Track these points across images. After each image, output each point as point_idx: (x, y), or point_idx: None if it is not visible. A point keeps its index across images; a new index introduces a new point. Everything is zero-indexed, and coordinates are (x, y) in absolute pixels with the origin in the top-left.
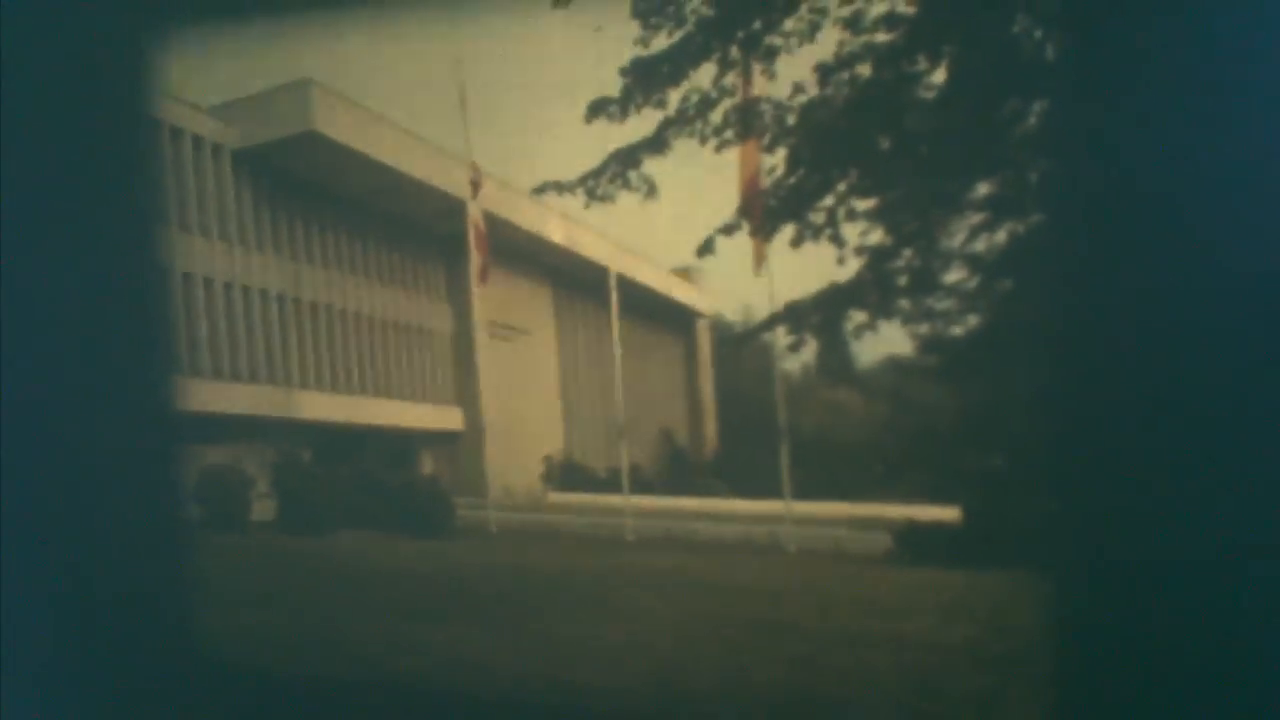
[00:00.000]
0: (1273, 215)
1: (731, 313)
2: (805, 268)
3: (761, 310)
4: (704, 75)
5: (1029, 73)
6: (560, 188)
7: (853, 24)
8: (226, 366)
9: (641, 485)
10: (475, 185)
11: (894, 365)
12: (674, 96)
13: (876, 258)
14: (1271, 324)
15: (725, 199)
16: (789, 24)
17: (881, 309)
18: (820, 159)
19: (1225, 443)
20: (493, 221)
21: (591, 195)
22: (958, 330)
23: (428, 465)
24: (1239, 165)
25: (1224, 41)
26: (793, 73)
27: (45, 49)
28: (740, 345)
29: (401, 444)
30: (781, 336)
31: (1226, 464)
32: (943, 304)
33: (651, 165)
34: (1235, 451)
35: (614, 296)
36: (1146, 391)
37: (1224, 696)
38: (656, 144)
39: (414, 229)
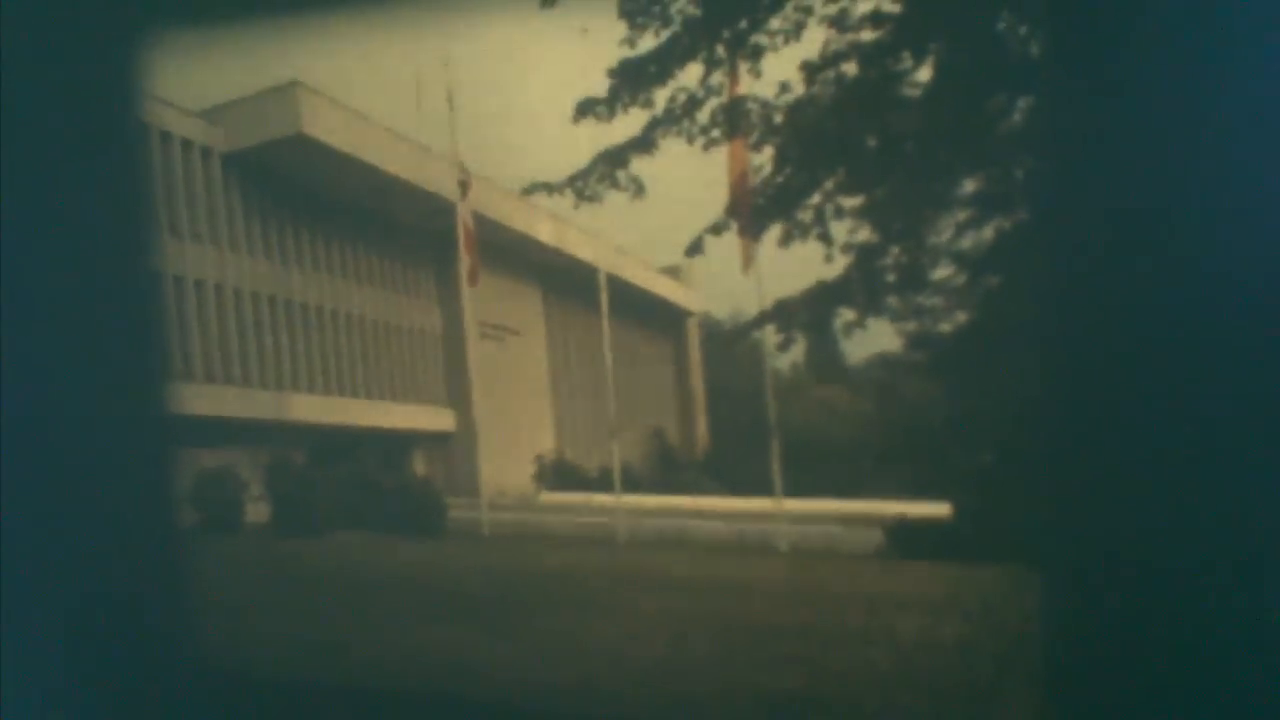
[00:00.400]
0: (1256, 211)
1: (721, 311)
2: (794, 266)
3: (750, 308)
4: (691, 75)
5: (1014, 70)
6: (549, 188)
7: (838, 22)
8: (219, 370)
9: (633, 484)
10: (464, 186)
11: (883, 362)
12: (661, 96)
13: (864, 255)
14: (1255, 318)
15: (713, 198)
16: (775, 23)
17: (870, 306)
18: (807, 157)
19: (1212, 437)
20: (482, 222)
21: (580, 195)
22: (946, 327)
23: (420, 466)
24: (1223, 161)
25: (1207, 39)
26: (779, 71)
27: (36, 55)
28: (730, 343)
29: (394, 445)
30: (771, 334)
31: (1213, 458)
32: (931, 301)
33: (639, 165)
34: (1221, 445)
35: (603, 296)
36: (1134, 386)
37: (1212, 689)
38: (644, 143)
39: (403, 230)
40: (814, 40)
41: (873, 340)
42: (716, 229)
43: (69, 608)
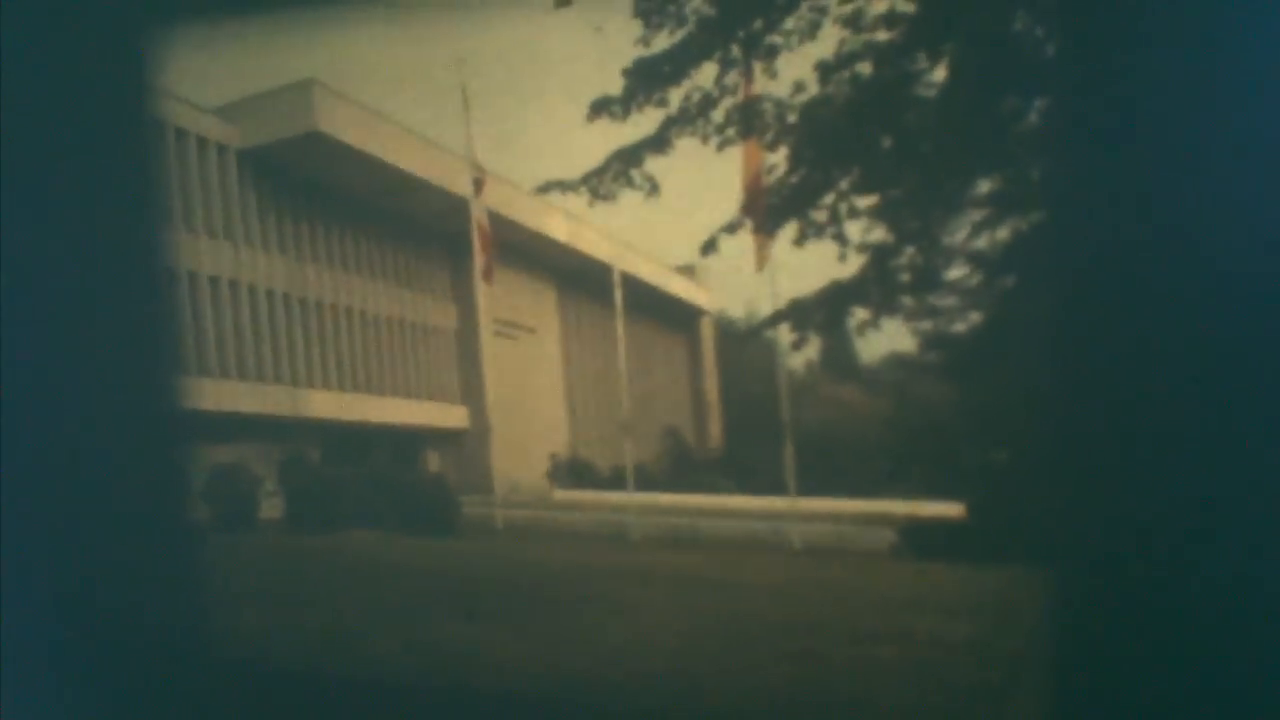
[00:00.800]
0: (1274, 212)
1: (735, 310)
2: (808, 265)
3: (765, 307)
4: (705, 74)
5: (1030, 69)
6: (563, 186)
7: (853, 22)
8: (233, 365)
9: (646, 482)
10: (478, 184)
11: (897, 362)
12: (676, 95)
13: (879, 255)
14: (1272, 320)
15: (728, 197)
16: (790, 23)
17: (884, 306)
18: (822, 157)
19: (1227, 437)
20: (496, 220)
21: (595, 194)
22: (961, 327)
23: (434, 463)
24: (1240, 162)
25: (1224, 38)
26: (794, 71)
27: (47, 50)
28: (744, 342)
29: (408, 442)
30: (785, 333)
31: (1229, 459)
32: (945, 301)
33: (654, 164)
34: (1237, 446)
35: (618, 294)
36: (1149, 386)
37: (1226, 692)
38: (659, 142)
39: (418, 228)
40: (829, 40)
41: (887, 340)
42: (731, 228)
43: (78, 605)
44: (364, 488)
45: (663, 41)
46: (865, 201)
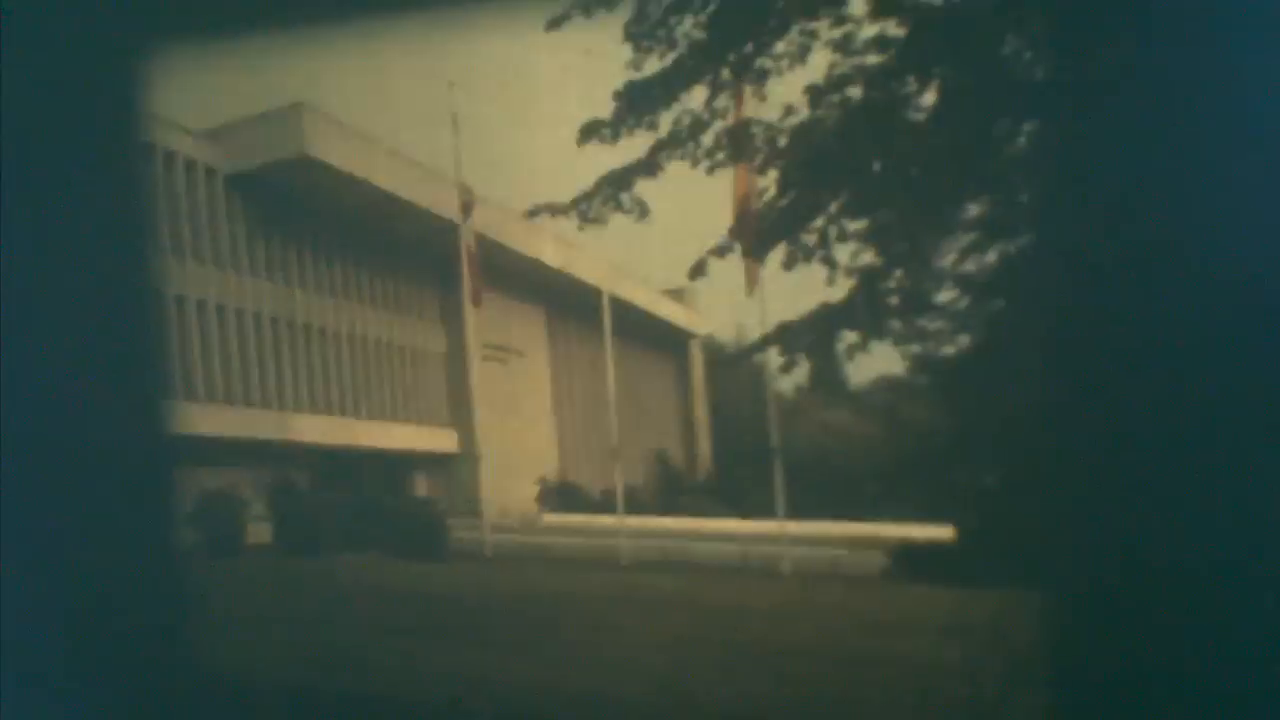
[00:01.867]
0: (1263, 235)
1: (724, 333)
2: (797, 288)
3: (754, 330)
4: (696, 98)
5: (1019, 94)
6: (553, 210)
7: (844, 46)
8: (220, 390)
9: (636, 506)
10: (467, 208)
11: (887, 385)
12: (666, 119)
13: (868, 278)
14: (1262, 342)
15: (717, 221)
16: (780, 46)
17: (873, 329)
18: (812, 180)
19: (1216, 458)
20: (486, 243)
21: (584, 218)
22: (949, 350)
23: (423, 487)
24: (1228, 185)
25: (1212, 63)
26: (784, 95)
27: (39, 75)
28: (733, 366)
29: (396, 466)
30: (774, 357)
31: (1218, 479)
32: (934, 324)
33: (643, 187)
34: (1226, 466)
35: (607, 317)
36: (1138, 408)
37: (1220, 708)
38: (649, 166)
39: (407, 251)
40: (819, 64)
41: (876, 363)
42: (720, 251)
43: (70, 628)
44: (352, 512)
45: (653, 65)
46: (855, 225)
